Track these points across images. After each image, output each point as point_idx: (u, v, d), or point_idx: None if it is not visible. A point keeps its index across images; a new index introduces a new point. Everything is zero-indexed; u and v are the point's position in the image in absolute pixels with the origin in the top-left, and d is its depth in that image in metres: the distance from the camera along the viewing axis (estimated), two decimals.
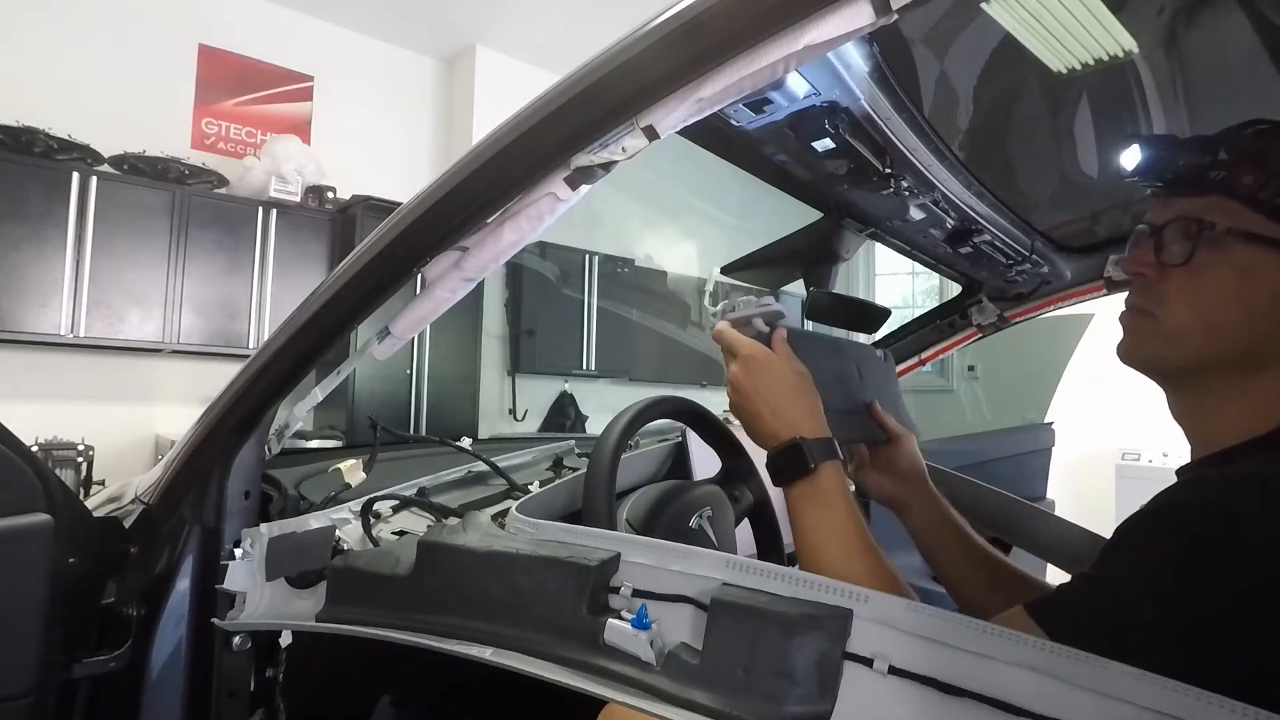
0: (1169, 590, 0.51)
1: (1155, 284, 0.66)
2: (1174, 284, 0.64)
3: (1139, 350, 0.68)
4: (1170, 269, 0.64)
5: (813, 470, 0.70)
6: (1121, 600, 0.53)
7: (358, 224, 3.82)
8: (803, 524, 0.71)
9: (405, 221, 0.76)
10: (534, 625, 0.68)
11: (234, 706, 0.97)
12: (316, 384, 0.94)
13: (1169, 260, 0.64)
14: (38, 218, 3.16)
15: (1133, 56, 0.79)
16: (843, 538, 0.68)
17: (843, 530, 0.69)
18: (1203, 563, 0.50)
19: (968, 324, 1.54)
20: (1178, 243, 0.64)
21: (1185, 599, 0.50)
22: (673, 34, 0.58)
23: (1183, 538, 0.53)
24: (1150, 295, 0.66)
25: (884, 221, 1.16)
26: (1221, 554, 0.50)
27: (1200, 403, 0.66)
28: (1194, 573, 0.50)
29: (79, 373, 3.53)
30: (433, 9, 4.30)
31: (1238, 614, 0.48)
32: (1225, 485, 0.56)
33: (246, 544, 0.93)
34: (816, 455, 0.71)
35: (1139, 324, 0.67)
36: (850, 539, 0.68)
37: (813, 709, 0.53)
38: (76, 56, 3.60)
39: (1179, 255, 0.63)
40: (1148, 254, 0.66)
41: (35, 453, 0.81)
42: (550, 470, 1.39)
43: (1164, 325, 0.65)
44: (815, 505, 0.70)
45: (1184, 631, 0.49)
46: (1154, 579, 0.52)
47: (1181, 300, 0.64)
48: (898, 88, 0.84)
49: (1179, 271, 0.64)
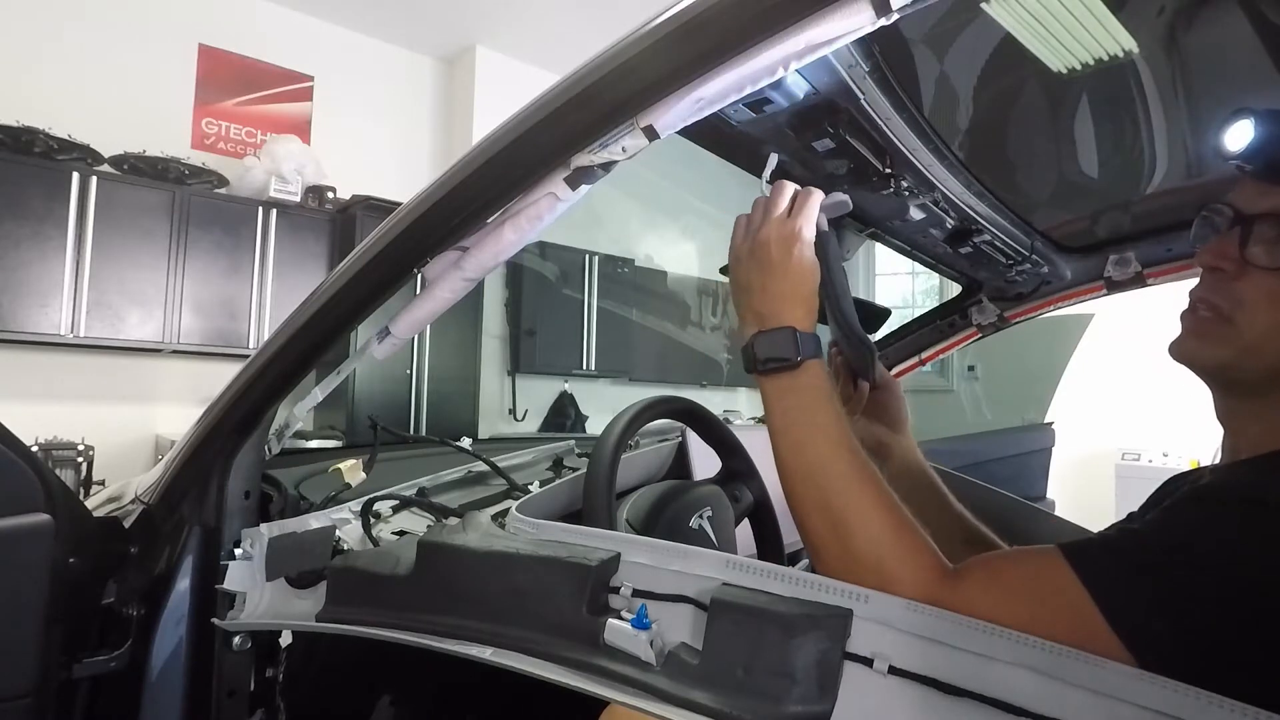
0: (1212, 554, 0.48)
1: (1233, 282, 0.59)
2: (1258, 287, 0.57)
3: (1206, 354, 0.61)
4: (1255, 270, 0.57)
5: (799, 363, 0.65)
6: (1161, 555, 0.50)
7: (358, 224, 3.82)
8: (782, 419, 0.66)
9: (405, 221, 0.76)
10: (534, 625, 0.68)
11: (234, 706, 0.97)
12: (316, 384, 0.94)
13: (1257, 260, 0.57)
14: (38, 218, 3.16)
15: (1133, 56, 0.79)
16: (825, 432, 0.63)
17: (826, 426, 0.63)
18: (1259, 539, 0.48)
19: (968, 324, 1.54)
20: (1271, 242, 0.56)
21: (1227, 566, 0.47)
22: (673, 34, 0.58)
23: (1241, 510, 0.50)
24: (1227, 295, 0.59)
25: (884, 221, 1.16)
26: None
27: (1258, 411, 0.60)
28: (1248, 548, 0.48)
29: (79, 373, 3.53)
30: (433, 9, 4.30)
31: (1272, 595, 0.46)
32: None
33: (246, 544, 0.93)
34: (809, 348, 0.66)
35: (1210, 326, 0.61)
36: (834, 435, 0.63)
37: (813, 709, 0.53)
38: (76, 56, 3.60)
39: (1271, 258, 0.56)
40: (1232, 247, 0.58)
41: (35, 453, 0.81)
42: (550, 470, 1.39)
43: (1241, 333, 0.58)
44: (799, 398, 0.65)
45: (1219, 601, 0.47)
46: (1203, 541, 0.49)
47: (1265, 308, 0.57)
48: (898, 88, 0.84)
49: (1266, 275, 0.56)
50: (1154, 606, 0.48)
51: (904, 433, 0.92)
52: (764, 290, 0.68)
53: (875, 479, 0.61)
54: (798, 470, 0.63)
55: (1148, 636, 0.47)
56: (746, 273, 0.70)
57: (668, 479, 1.30)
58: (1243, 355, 0.59)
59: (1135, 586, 0.49)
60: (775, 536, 1.22)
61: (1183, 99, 0.86)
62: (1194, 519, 0.52)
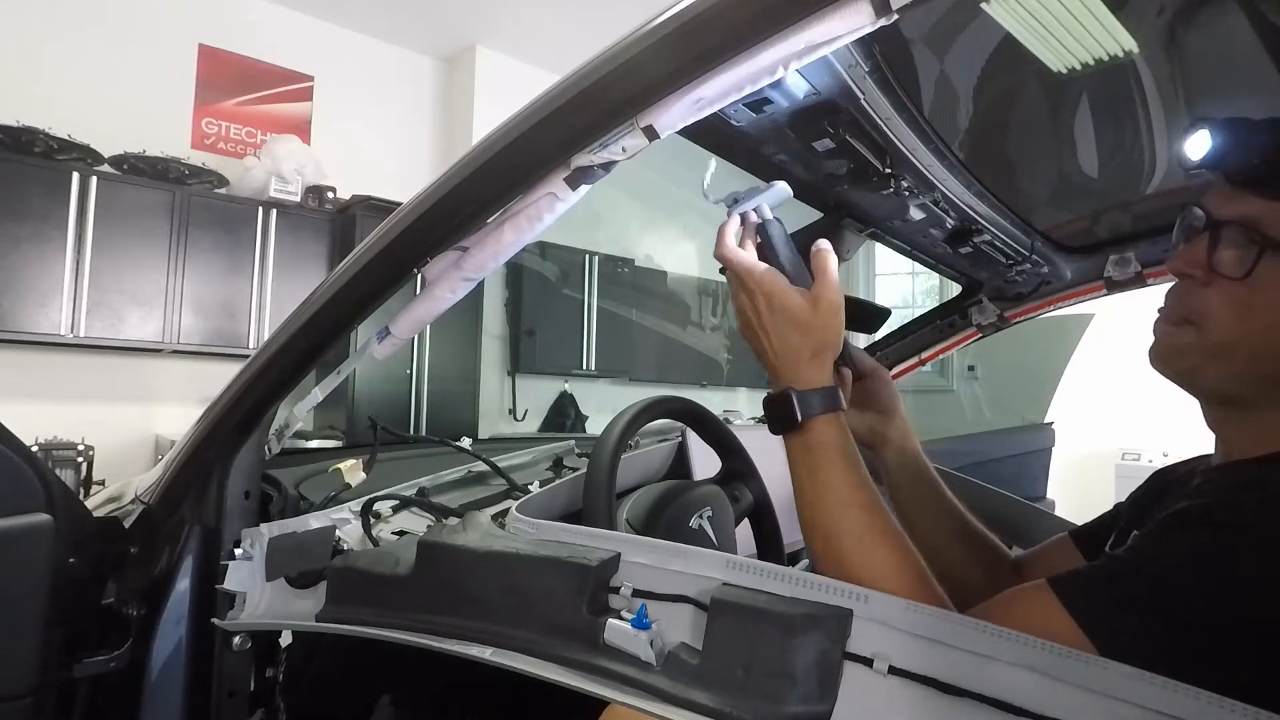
0: (1193, 583, 0.48)
1: (1201, 289, 0.59)
2: (1224, 295, 0.57)
3: (1174, 361, 0.62)
4: (1222, 278, 0.57)
5: (801, 425, 0.65)
6: (1150, 584, 0.50)
7: (358, 224, 3.82)
8: (796, 475, 0.66)
9: (405, 221, 0.76)
10: (534, 625, 0.68)
11: (234, 706, 0.97)
12: (316, 384, 0.94)
13: (1223, 269, 0.57)
14: (38, 218, 3.16)
15: (1133, 56, 0.78)
16: (836, 493, 0.62)
17: (836, 485, 0.63)
18: (1258, 557, 0.48)
19: (968, 324, 1.54)
20: (1237, 248, 0.56)
21: (1218, 591, 0.47)
22: (673, 34, 0.58)
23: (1232, 530, 0.50)
24: (1194, 302, 0.60)
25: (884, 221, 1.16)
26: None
27: (1240, 419, 0.61)
28: (1243, 566, 0.48)
29: (79, 373, 3.53)
30: (433, 9, 4.30)
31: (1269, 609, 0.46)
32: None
33: (246, 544, 0.93)
34: (809, 408, 0.65)
35: (1178, 333, 0.61)
36: (844, 495, 0.62)
37: (813, 709, 0.53)
38: (76, 56, 3.60)
39: (1236, 267, 0.56)
40: (1201, 253, 0.58)
41: (35, 453, 0.81)
42: (550, 470, 1.39)
43: (1207, 339, 0.58)
44: (808, 457, 0.64)
45: (1206, 624, 0.47)
46: (1183, 575, 0.49)
47: (1230, 315, 0.57)
48: (898, 88, 0.84)
49: (1232, 284, 0.56)
50: (1145, 640, 0.48)
51: (897, 419, 0.91)
52: (763, 354, 0.69)
53: (886, 535, 0.61)
54: (812, 526, 0.64)
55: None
56: (748, 340, 0.70)
57: (668, 479, 1.30)
58: (1208, 361, 0.59)
59: (1126, 622, 0.49)
60: (775, 536, 1.22)
61: (1183, 99, 0.86)
62: (1180, 545, 0.52)
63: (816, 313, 0.67)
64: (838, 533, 0.61)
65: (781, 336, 0.67)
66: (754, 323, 0.69)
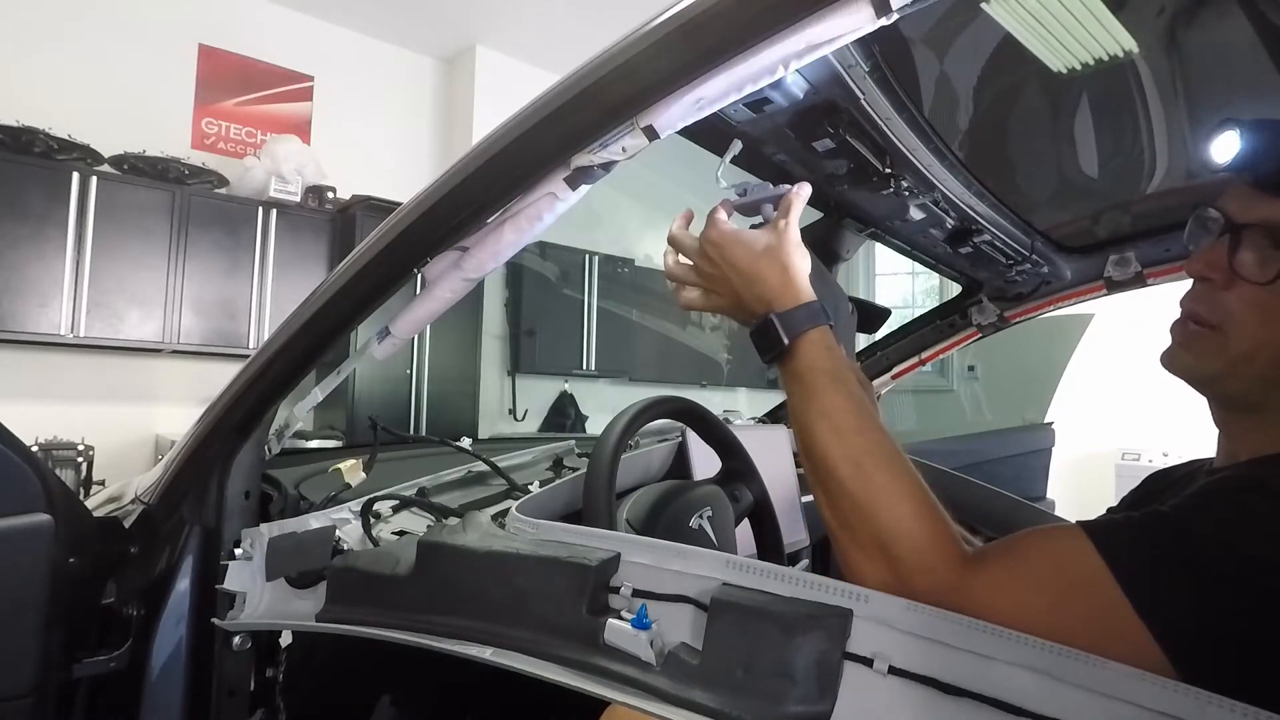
0: (1249, 546, 0.47)
1: (1222, 293, 0.58)
2: (1246, 299, 0.56)
3: (1195, 367, 0.60)
4: (1243, 281, 0.56)
5: (789, 347, 0.63)
6: (1194, 540, 0.49)
7: (358, 224, 3.81)
8: (790, 405, 0.64)
9: (405, 221, 0.76)
10: (534, 625, 0.68)
11: (234, 706, 0.97)
12: (316, 384, 0.94)
13: (1245, 273, 0.56)
14: (38, 218, 3.16)
15: (1133, 56, 0.79)
16: (830, 419, 0.60)
17: (829, 411, 0.60)
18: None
19: (968, 324, 1.54)
20: (1261, 252, 0.55)
21: (1255, 556, 0.46)
22: (673, 34, 0.58)
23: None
24: (1214, 306, 0.58)
25: (884, 221, 1.17)
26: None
27: (1254, 423, 0.59)
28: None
29: (79, 373, 3.53)
30: (433, 9, 4.30)
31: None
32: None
33: (246, 544, 0.93)
34: (794, 325, 0.63)
35: (1199, 338, 0.60)
36: (838, 420, 0.60)
37: (813, 709, 0.52)
38: (76, 56, 3.60)
39: (1260, 271, 0.55)
40: (1221, 256, 0.57)
41: (35, 453, 0.81)
42: (550, 470, 1.39)
43: (1230, 345, 0.57)
44: (799, 385, 0.63)
45: (1237, 581, 0.46)
46: (1240, 532, 0.48)
47: (1253, 319, 0.56)
48: (898, 88, 0.84)
49: (1254, 288, 0.55)
50: (1187, 599, 0.47)
51: None
52: (736, 299, 0.68)
53: (891, 462, 0.58)
54: (809, 456, 0.62)
55: (1178, 630, 0.46)
56: (715, 299, 0.70)
57: (668, 479, 1.30)
58: (1233, 367, 0.58)
59: (1168, 578, 0.48)
60: (775, 536, 1.22)
61: (1183, 99, 0.86)
62: (1230, 507, 0.50)
63: (774, 234, 0.68)
64: (833, 461, 0.59)
65: (744, 268, 0.67)
66: (717, 275, 0.68)
